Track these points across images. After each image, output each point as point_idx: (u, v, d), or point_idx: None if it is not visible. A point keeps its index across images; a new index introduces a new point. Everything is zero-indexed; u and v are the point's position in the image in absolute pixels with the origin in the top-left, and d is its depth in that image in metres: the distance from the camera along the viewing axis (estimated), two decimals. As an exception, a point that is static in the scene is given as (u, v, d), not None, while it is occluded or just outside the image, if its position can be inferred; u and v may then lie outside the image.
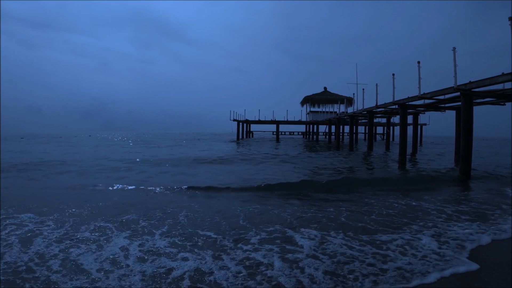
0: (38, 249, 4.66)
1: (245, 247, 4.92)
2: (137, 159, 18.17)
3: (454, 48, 11.93)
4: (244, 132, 52.01)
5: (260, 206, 7.63)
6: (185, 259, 4.44)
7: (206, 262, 4.35)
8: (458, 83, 11.73)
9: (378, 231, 5.78)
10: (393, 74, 17.37)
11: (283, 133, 57.07)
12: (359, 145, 34.80)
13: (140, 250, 4.71)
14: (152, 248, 4.80)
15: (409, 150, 22.34)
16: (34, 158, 17.88)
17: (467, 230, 5.80)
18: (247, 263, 4.35)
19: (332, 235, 5.51)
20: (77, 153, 23.59)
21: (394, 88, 17.32)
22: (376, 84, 19.96)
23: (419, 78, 14.23)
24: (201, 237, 5.33)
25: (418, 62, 14.39)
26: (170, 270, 4.11)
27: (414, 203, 8.13)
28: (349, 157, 21.30)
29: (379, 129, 52.13)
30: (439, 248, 4.93)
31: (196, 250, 4.78)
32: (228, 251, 4.76)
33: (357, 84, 28.68)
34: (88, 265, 4.19)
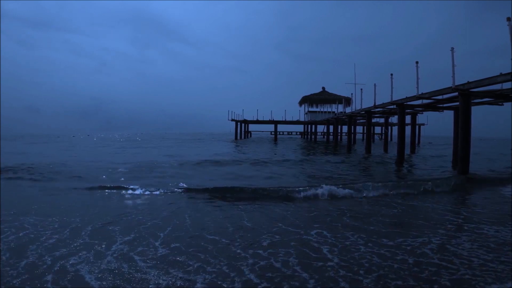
0: (32, 260, 4.35)
1: (262, 254, 4.63)
2: (138, 161, 18.07)
3: (452, 49, 11.99)
4: (242, 132, 51.99)
5: (258, 206, 7.62)
6: (199, 270, 4.03)
7: (225, 275, 3.95)
8: (458, 83, 11.78)
9: (395, 234, 5.51)
10: (391, 74, 17.47)
11: (281, 133, 57.11)
12: (357, 145, 34.82)
13: (146, 259, 4.47)
14: (156, 256, 4.63)
15: (407, 150, 22.35)
16: (32, 160, 17.74)
17: (503, 233, 5.49)
18: (269, 274, 3.97)
19: (350, 239, 5.26)
20: (77, 155, 23.46)
21: (392, 88, 17.44)
22: (374, 84, 20.06)
23: (417, 78, 14.32)
24: (210, 242, 5.12)
25: (416, 62, 14.46)
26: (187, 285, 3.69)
27: (415, 203, 8.13)
28: (347, 161, 21.21)
29: (377, 129, 52.25)
30: (493, 255, 4.50)
31: (209, 258, 4.43)
32: (247, 259, 4.43)
33: (355, 84, 28.74)
34: (89, 278, 3.89)
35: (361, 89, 23.44)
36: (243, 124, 50.99)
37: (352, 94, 27.53)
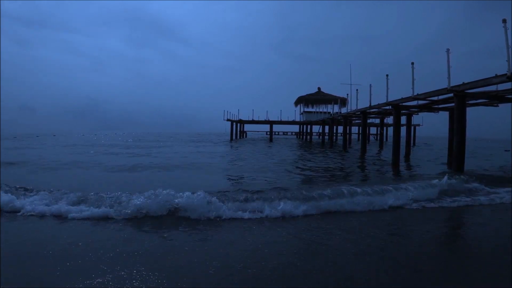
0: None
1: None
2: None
3: (447, 50, 11.99)
4: (238, 132, 51.88)
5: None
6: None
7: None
8: (458, 84, 11.77)
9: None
10: (387, 75, 17.46)
11: (276, 133, 57.10)
12: (353, 145, 34.75)
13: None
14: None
15: (403, 151, 22.23)
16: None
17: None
18: None
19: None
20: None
21: (387, 88, 17.43)
22: (370, 85, 20.06)
23: (413, 79, 14.33)
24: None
25: (412, 63, 14.46)
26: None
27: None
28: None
29: (373, 130, 52.41)
30: None
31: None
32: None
33: (350, 84, 28.78)
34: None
35: (357, 90, 23.48)
36: (238, 124, 50.89)
37: (348, 94, 27.58)
